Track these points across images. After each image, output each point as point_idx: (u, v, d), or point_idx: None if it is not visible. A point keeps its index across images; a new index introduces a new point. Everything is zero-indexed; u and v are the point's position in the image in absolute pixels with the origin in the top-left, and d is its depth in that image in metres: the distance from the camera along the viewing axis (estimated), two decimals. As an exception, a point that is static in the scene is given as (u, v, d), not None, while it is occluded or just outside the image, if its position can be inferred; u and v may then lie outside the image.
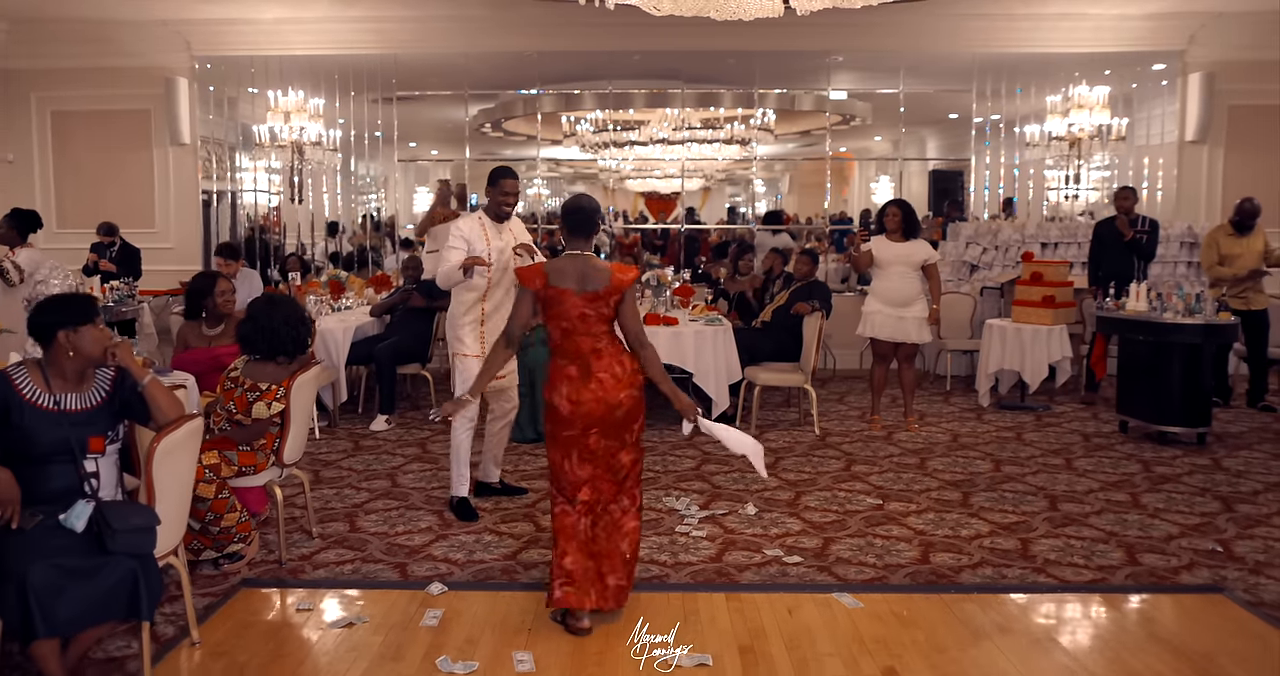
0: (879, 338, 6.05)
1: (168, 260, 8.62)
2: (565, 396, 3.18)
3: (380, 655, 3.03)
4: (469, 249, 4.30)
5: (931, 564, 3.81)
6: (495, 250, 4.36)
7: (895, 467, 5.27)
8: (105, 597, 2.62)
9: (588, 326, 3.19)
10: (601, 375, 3.17)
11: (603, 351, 3.20)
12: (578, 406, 3.16)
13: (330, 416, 6.30)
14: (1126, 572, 3.72)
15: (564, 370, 3.21)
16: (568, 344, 3.21)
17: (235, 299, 4.78)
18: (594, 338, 3.20)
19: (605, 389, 3.16)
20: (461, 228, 4.41)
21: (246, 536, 3.80)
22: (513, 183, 4.41)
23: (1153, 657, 3.00)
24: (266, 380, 3.82)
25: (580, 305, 3.18)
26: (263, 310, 3.90)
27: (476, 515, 4.38)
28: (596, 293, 3.19)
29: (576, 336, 3.20)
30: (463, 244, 4.33)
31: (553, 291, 3.19)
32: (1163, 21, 8.35)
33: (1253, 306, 6.62)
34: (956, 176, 10.44)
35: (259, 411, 3.77)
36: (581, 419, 3.16)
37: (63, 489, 2.77)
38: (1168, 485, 4.91)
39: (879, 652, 3.02)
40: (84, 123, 8.79)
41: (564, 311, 3.19)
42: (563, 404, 3.18)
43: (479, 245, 4.33)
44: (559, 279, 3.20)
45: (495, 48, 8.72)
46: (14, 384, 2.80)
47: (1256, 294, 6.66)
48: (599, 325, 3.21)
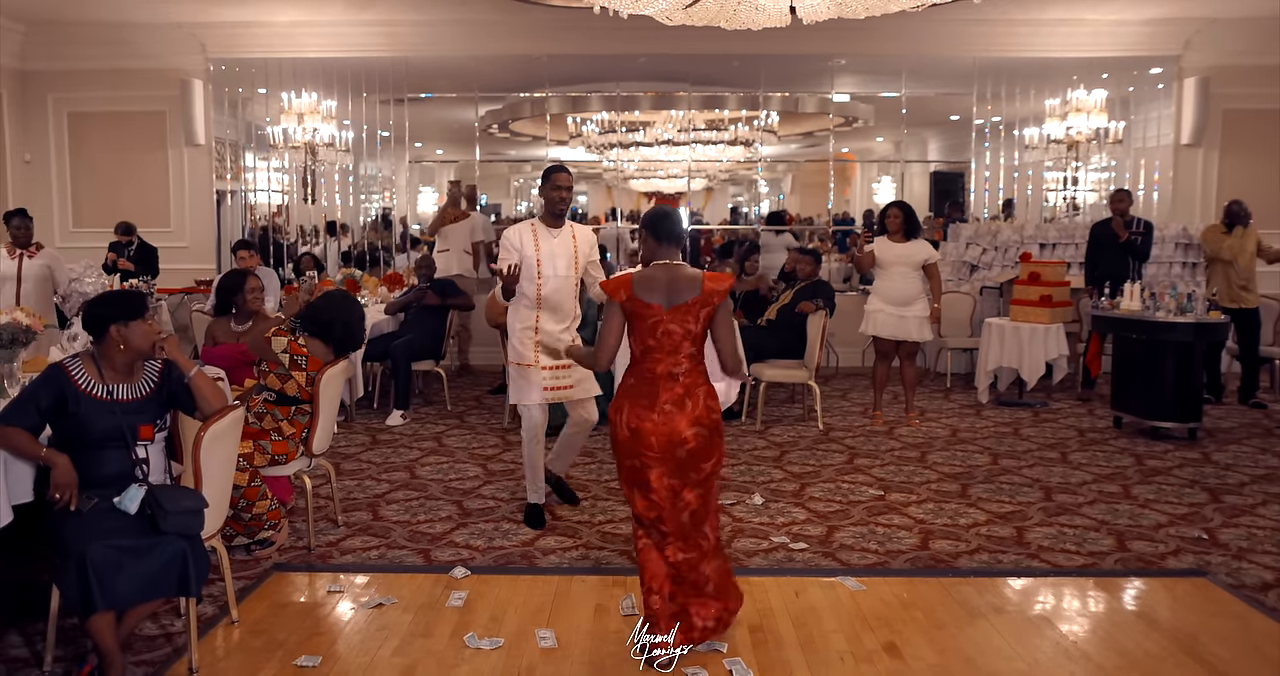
0: (881, 336, 6.23)
1: (183, 258, 8.78)
2: (625, 421, 2.90)
3: (410, 632, 3.21)
4: (520, 254, 4.11)
5: (931, 550, 4.00)
6: (547, 256, 4.12)
7: (896, 461, 5.45)
8: (158, 575, 2.79)
9: (672, 344, 2.89)
10: (668, 406, 2.87)
11: (679, 378, 2.89)
12: (635, 435, 2.88)
13: (347, 411, 6.48)
14: (1116, 558, 3.91)
15: (630, 389, 2.93)
16: (645, 363, 2.92)
17: (264, 296, 4.95)
18: (675, 360, 2.89)
19: (670, 422, 2.86)
20: (509, 236, 4.19)
21: (276, 524, 3.98)
22: (565, 177, 4.16)
23: (1139, 636, 3.18)
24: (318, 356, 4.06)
25: (667, 321, 2.87)
26: (344, 304, 4.16)
27: (543, 522, 4.26)
28: (686, 305, 2.88)
29: (656, 355, 2.89)
30: (512, 253, 4.11)
31: (638, 305, 2.90)
32: (1159, 27, 8.53)
33: (1244, 305, 6.82)
34: (957, 178, 10.62)
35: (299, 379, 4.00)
36: (638, 449, 2.88)
37: (116, 474, 2.95)
38: (1158, 477, 5.09)
39: (880, 630, 3.21)
40: (100, 124, 8.94)
41: (648, 327, 2.89)
42: (620, 428, 2.91)
43: (528, 251, 4.12)
44: (645, 291, 2.90)
45: (504, 51, 8.88)
46: (71, 375, 2.98)
47: (1248, 293, 6.86)
48: (685, 345, 2.89)
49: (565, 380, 4.21)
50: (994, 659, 3.02)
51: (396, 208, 10.56)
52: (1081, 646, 3.11)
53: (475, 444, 5.85)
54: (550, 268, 4.14)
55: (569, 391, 4.24)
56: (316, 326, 4.07)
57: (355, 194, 10.13)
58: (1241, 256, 6.84)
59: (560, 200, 4.17)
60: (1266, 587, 3.60)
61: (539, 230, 4.19)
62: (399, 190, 10.61)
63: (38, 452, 2.90)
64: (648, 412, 2.87)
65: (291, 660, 3.00)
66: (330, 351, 4.09)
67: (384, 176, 10.35)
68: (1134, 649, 3.08)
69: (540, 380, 4.19)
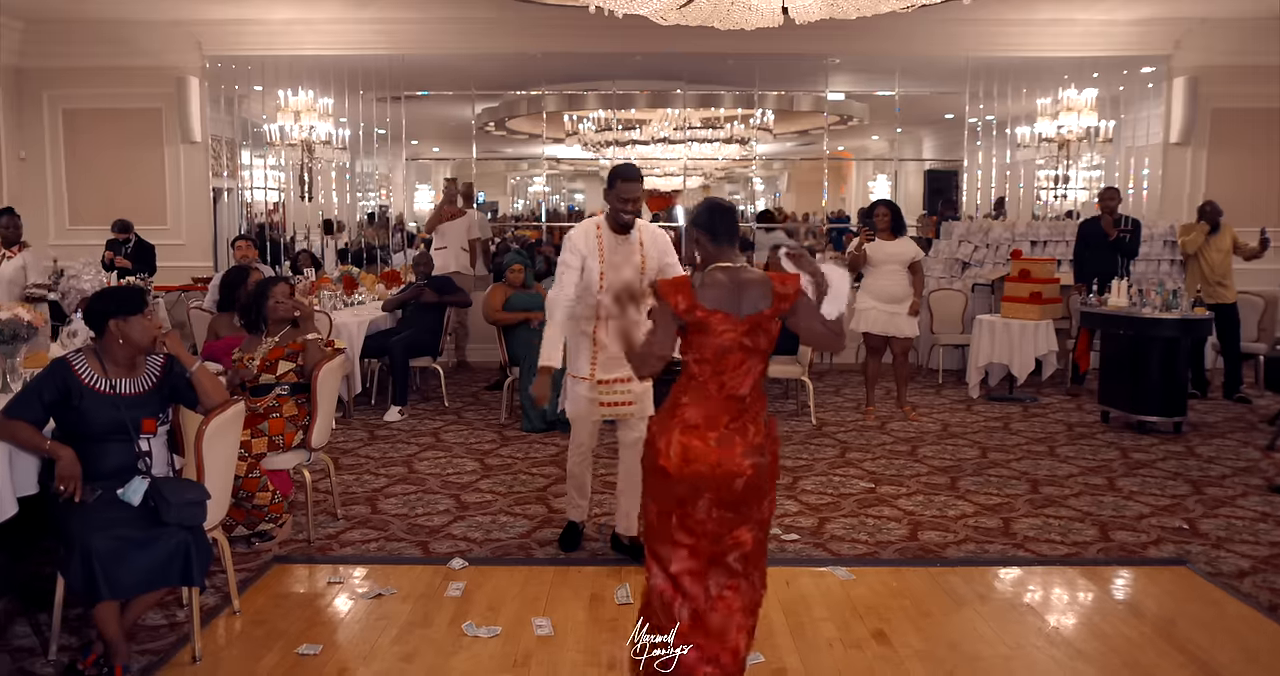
0: (873, 332, 6.32)
1: (180, 256, 8.83)
2: (674, 449, 2.43)
3: (410, 621, 3.28)
4: (583, 264, 3.65)
5: (919, 541, 4.08)
6: (610, 266, 3.66)
7: (887, 454, 5.53)
8: (162, 565, 2.85)
9: (738, 363, 2.45)
10: (734, 435, 2.44)
11: (745, 403, 2.47)
12: (686, 466, 2.41)
13: (345, 407, 6.54)
14: (1099, 548, 4.00)
15: (682, 411, 2.46)
16: (705, 382, 2.46)
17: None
18: (739, 380, 2.45)
19: (729, 452, 2.42)
20: (574, 238, 3.69)
21: (278, 517, 4.05)
22: (633, 186, 3.61)
23: (1120, 622, 3.27)
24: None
25: (738, 335, 2.44)
26: None
27: (578, 544, 3.96)
28: (761, 315, 2.47)
29: (721, 376, 2.45)
30: (575, 259, 3.65)
31: (701, 316, 2.44)
32: (1149, 27, 8.61)
33: (1221, 301, 6.94)
34: (951, 176, 10.71)
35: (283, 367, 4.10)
36: (689, 482, 2.42)
37: (119, 466, 3.02)
38: (1143, 470, 5.18)
39: (869, 617, 3.29)
40: (96, 121, 8.98)
41: (712, 342, 2.44)
42: (669, 457, 2.43)
43: (592, 261, 3.66)
44: (711, 298, 2.46)
45: (500, 49, 8.94)
46: (74, 369, 3.05)
47: (1224, 289, 6.98)
48: (754, 363, 2.47)
49: (624, 396, 3.74)
50: (978, 644, 3.10)
51: (393, 205, 10.61)
52: (1063, 632, 3.19)
53: (473, 439, 5.92)
54: (614, 278, 3.61)
55: (627, 408, 3.76)
56: None
57: (352, 191, 10.19)
58: (1214, 253, 6.94)
59: (626, 213, 3.65)
60: (1243, 575, 3.69)
61: (605, 234, 3.69)
62: (396, 188, 10.68)
63: (42, 445, 2.96)
64: (704, 440, 2.42)
65: (293, 649, 3.06)
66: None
67: (381, 174, 10.41)
68: (1114, 635, 3.16)
69: (596, 395, 3.74)
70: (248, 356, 4.14)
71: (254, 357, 4.13)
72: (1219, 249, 6.96)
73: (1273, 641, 3.13)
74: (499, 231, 12.09)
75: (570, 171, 16.49)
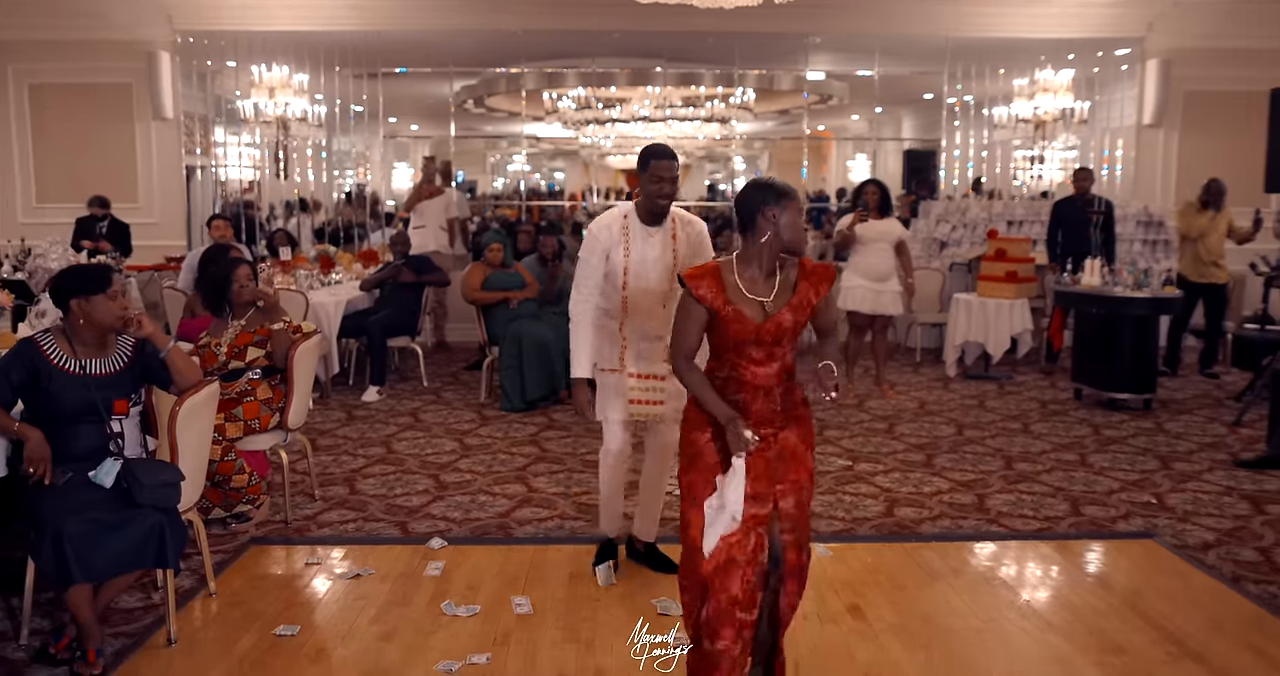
0: (861, 310, 6.35)
1: (152, 235, 8.68)
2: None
3: (388, 601, 3.28)
4: (606, 258, 3.28)
5: (895, 517, 4.13)
6: (637, 262, 3.27)
7: (865, 432, 5.58)
8: (135, 547, 2.82)
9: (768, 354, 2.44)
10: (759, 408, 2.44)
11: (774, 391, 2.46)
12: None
13: (323, 387, 6.50)
14: (1070, 522, 4.07)
15: None
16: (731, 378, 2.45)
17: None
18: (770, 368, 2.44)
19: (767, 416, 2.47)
20: (596, 232, 3.30)
21: (255, 499, 4.03)
22: (667, 164, 3.18)
23: (1087, 593, 3.34)
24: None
25: (772, 327, 2.41)
26: None
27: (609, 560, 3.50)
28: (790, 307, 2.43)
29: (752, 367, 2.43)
30: (596, 256, 3.28)
31: (732, 311, 2.40)
32: (1123, 9, 8.65)
33: (1214, 281, 7.05)
34: (930, 156, 10.75)
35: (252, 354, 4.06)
36: None
37: (90, 448, 2.98)
38: (1114, 446, 5.27)
39: (845, 592, 3.33)
40: (63, 96, 8.78)
41: (743, 333, 2.41)
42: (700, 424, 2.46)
43: (616, 255, 3.27)
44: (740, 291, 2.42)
45: (479, 25, 8.82)
46: (42, 349, 3.00)
47: (1218, 270, 7.08)
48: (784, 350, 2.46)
49: (657, 394, 3.32)
50: (950, 617, 3.15)
51: (371, 184, 10.50)
52: (1034, 605, 3.26)
53: (452, 419, 5.91)
54: (639, 278, 3.26)
55: (659, 408, 3.33)
56: None
57: (329, 170, 10.06)
58: (1212, 235, 7.03)
59: (662, 195, 3.21)
60: (1208, 547, 3.78)
61: (632, 227, 3.28)
62: (373, 166, 10.55)
63: (10, 427, 2.92)
64: None
65: (270, 630, 3.06)
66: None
67: (358, 152, 10.29)
68: (1083, 606, 3.23)
69: (626, 389, 3.33)
70: (215, 342, 4.09)
71: (221, 343, 4.08)
72: (1217, 230, 7.04)
73: (1236, 611, 3.21)
74: (478, 210, 12.02)
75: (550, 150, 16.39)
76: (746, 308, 2.41)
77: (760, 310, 2.42)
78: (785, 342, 2.44)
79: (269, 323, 4.08)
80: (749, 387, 2.44)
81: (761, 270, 2.45)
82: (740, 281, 2.43)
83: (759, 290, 2.43)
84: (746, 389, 2.44)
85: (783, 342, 2.44)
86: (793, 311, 2.43)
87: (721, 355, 2.48)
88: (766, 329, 2.41)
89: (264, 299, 4.12)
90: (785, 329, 2.43)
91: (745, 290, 2.42)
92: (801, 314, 2.45)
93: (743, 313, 2.40)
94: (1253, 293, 7.75)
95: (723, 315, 2.40)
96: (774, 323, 2.42)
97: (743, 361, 2.44)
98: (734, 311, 2.39)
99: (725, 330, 2.42)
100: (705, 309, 2.41)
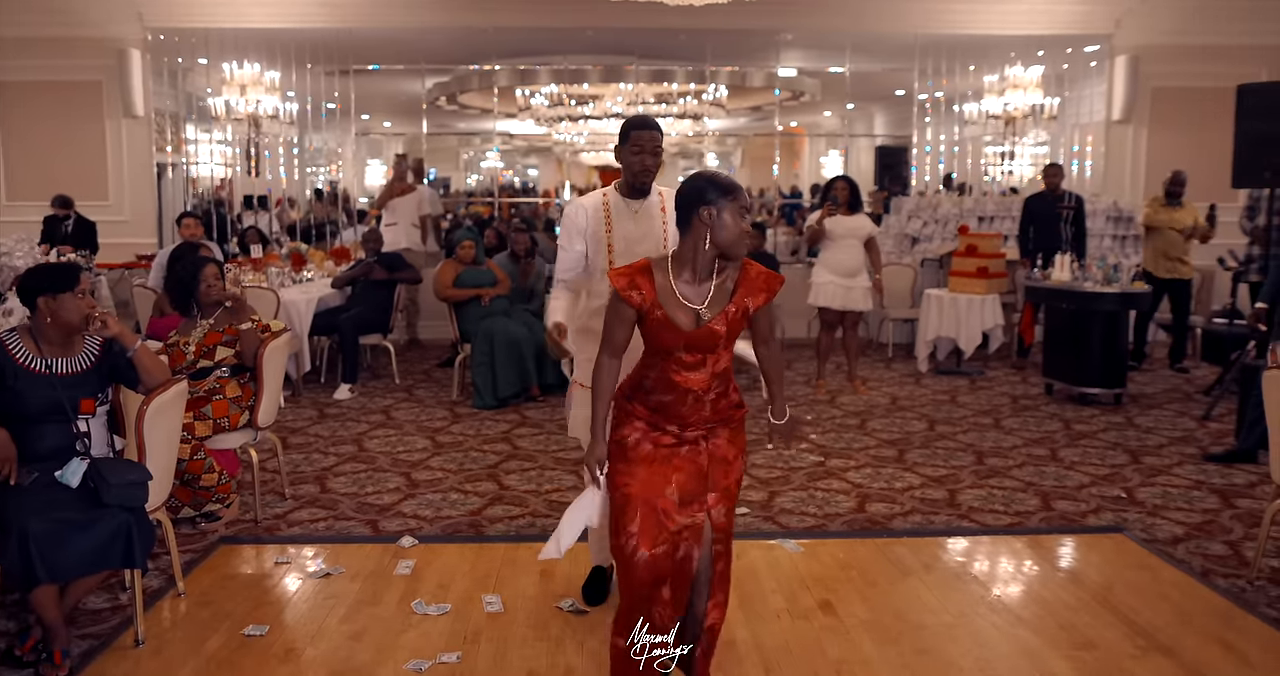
0: (831, 306, 6.38)
1: (123, 233, 8.59)
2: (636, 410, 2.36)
3: (358, 600, 3.26)
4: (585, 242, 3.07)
5: (867, 513, 4.16)
6: (621, 239, 3.03)
7: (837, 428, 5.62)
8: (102, 547, 2.79)
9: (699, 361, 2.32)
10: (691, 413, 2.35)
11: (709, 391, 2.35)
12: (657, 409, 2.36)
13: (294, 385, 6.45)
14: (1041, 517, 4.12)
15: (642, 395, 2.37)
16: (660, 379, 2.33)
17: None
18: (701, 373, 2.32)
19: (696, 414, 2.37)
20: (571, 217, 3.10)
21: (225, 498, 3.99)
22: (649, 135, 2.94)
23: (1058, 588, 3.37)
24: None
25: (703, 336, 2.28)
26: None
27: (605, 595, 3.25)
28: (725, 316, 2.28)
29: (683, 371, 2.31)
30: (572, 239, 3.07)
31: (661, 316, 2.26)
32: (1091, 6, 8.75)
33: (1179, 276, 7.16)
34: (902, 152, 10.81)
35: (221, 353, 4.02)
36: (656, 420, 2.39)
37: (56, 447, 2.94)
38: (1084, 441, 5.33)
39: (816, 588, 3.35)
40: (32, 93, 8.65)
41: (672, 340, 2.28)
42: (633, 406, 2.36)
43: (597, 237, 3.05)
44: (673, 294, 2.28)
45: (451, 22, 8.78)
46: (7, 348, 2.96)
47: (1183, 265, 7.19)
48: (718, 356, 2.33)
49: None
50: (921, 612, 3.17)
51: (343, 181, 10.42)
52: (1004, 599, 3.29)
53: (424, 417, 5.88)
54: (627, 256, 2.96)
55: None
56: None
57: (301, 167, 9.97)
58: (1178, 229, 7.13)
59: (644, 168, 2.98)
60: (1177, 541, 3.83)
61: (613, 205, 3.06)
62: (346, 163, 10.47)
63: (-26, 427, 2.88)
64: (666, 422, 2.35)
65: (239, 630, 3.03)
66: None
67: (330, 149, 10.20)
68: (1053, 600, 3.27)
69: None
70: (183, 341, 4.05)
71: (189, 343, 4.04)
72: (1179, 225, 7.13)
73: (1204, 605, 3.25)
74: (451, 207, 11.95)
75: (524, 147, 16.33)
76: (678, 313, 2.26)
77: (693, 318, 2.27)
78: (719, 350, 2.32)
79: (237, 322, 4.04)
80: (678, 390, 2.31)
81: (696, 274, 2.29)
82: (674, 284, 2.28)
83: (692, 296, 2.28)
84: (676, 391, 2.31)
85: (716, 350, 2.31)
86: (727, 321, 2.28)
87: (651, 356, 2.36)
88: (697, 337, 2.26)
89: (233, 300, 4.07)
90: (718, 338, 2.29)
91: (679, 294, 2.28)
92: (736, 324, 2.31)
93: (672, 319, 2.26)
94: (1221, 287, 7.88)
95: (650, 319, 2.26)
96: (706, 331, 2.27)
97: (671, 365, 2.31)
98: (663, 317, 2.25)
99: (653, 334, 2.30)
100: (634, 310, 2.27)
